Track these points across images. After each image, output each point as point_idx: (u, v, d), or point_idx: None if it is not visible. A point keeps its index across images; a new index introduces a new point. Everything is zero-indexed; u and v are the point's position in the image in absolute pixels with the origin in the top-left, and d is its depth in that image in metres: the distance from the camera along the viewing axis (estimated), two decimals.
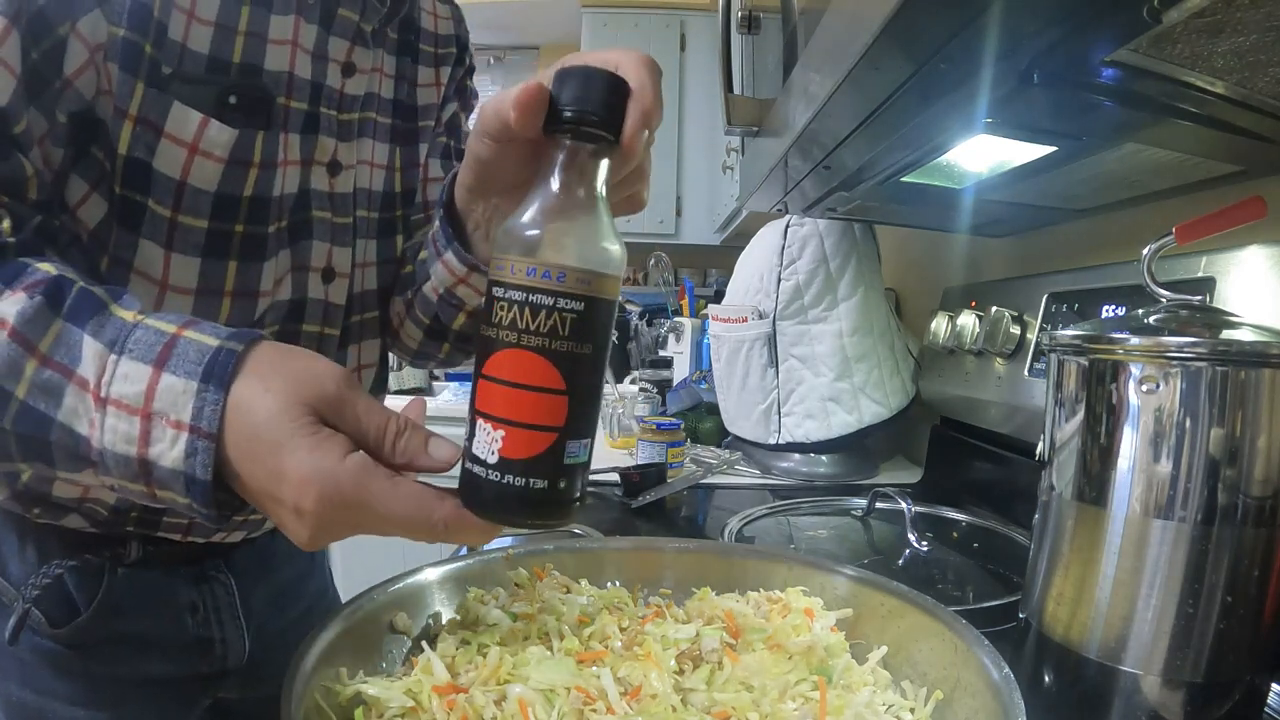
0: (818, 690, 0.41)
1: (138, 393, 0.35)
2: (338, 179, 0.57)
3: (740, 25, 0.87)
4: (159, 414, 0.35)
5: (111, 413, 0.35)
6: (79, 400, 0.35)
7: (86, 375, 0.35)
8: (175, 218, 0.49)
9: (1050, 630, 0.46)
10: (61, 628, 0.56)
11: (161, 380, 0.35)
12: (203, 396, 0.35)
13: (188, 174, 0.48)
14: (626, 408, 1.45)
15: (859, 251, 1.15)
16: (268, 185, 0.52)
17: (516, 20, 2.86)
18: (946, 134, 0.61)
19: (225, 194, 0.50)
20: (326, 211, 0.57)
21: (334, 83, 0.55)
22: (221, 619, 0.63)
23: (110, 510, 0.55)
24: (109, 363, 0.35)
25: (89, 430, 0.35)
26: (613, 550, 0.58)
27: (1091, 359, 0.44)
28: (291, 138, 0.53)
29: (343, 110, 0.56)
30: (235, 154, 0.49)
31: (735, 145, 1.88)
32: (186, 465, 0.35)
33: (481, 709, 0.37)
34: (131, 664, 0.58)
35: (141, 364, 0.35)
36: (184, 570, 0.61)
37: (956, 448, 1.07)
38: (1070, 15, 0.41)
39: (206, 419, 0.35)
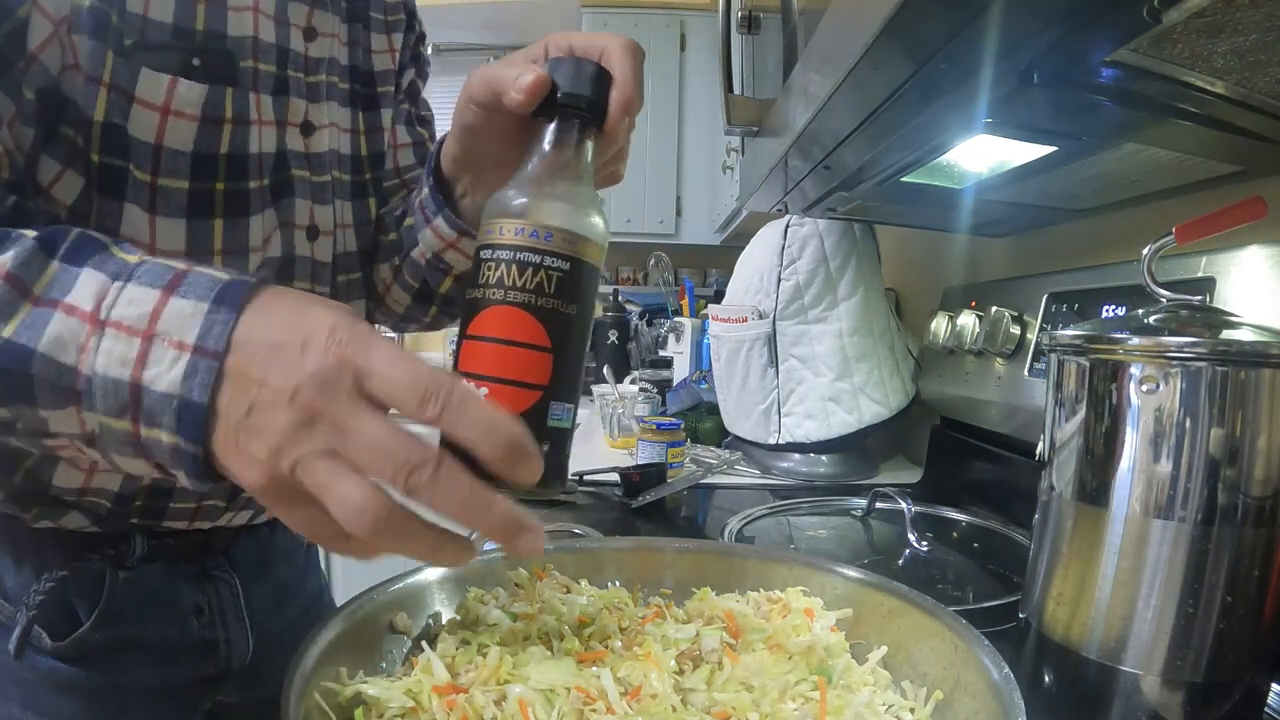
0: (818, 690, 0.41)
1: (142, 314, 0.33)
2: (312, 139, 0.58)
3: (740, 25, 0.87)
4: (162, 334, 0.33)
5: (109, 335, 0.33)
6: (66, 326, 0.33)
7: (80, 303, 0.33)
8: (156, 181, 0.49)
9: (1050, 630, 0.46)
10: (63, 640, 0.54)
11: (170, 303, 0.33)
12: (212, 317, 0.33)
13: (163, 136, 0.48)
14: (626, 408, 1.45)
15: (859, 251, 1.15)
16: (243, 141, 0.52)
17: (516, 20, 2.86)
18: (946, 134, 0.61)
19: (202, 152, 0.50)
20: (305, 170, 0.57)
21: (298, 47, 0.56)
22: (226, 620, 0.62)
23: (114, 501, 0.54)
24: (112, 289, 0.34)
25: (77, 357, 0.33)
26: (613, 550, 0.58)
27: (1091, 359, 0.44)
28: (264, 99, 0.53)
29: (309, 73, 0.57)
30: (207, 111, 0.49)
31: (735, 145, 1.88)
32: (183, 387, 0.32)
33: (481, 709, 0.37)
34: (136, 672, 0.57)
35: (149, 289, 0.34)
36: (186, 570, 0.60)
37: (956, 448, 1.07)
38: (1070, 15, 0.41)
39: (214, 338, 0.33)
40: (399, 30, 0.67)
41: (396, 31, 0.66)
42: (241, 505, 0.61)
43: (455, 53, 3.07)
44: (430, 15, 2.75)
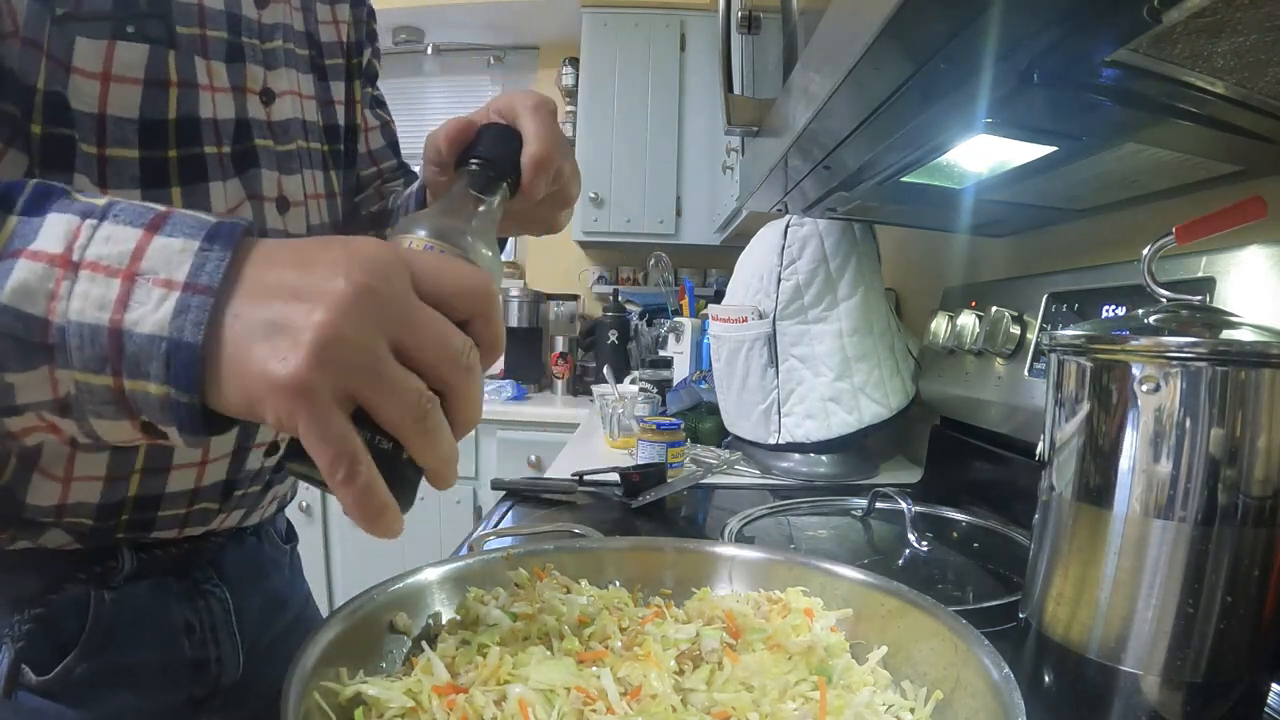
0: (818, 690, 0.41)
1: (122, 253, 0.30)
2: (273, 107, 0.56)
3: (740, 25, 0.87)
4: (146, 273, 0.29)
5: (84, 277, 0.29)
6: (31, 272, 0.29)
7: (47, 245, 0.29)
8: (104, 152, 0.46)
9: (1050, 630, 0.46)
10: (49, 672, 0.50)
11: (154, 241, 0.30)
12: (204, 254, 0.30)
13: (105, 105, 0.46)
14: (626, 408, 1.45)
15: (859, 251, 1.15)
16: (192, 105, 0.49)
17: (516, 20, 2.86)
18: (946, 134, 0.61)
19: (150, 119, 0.47)
20: (268, 140, 0.56)
21: (250, 13, 0.54)
22: (218, 637, 0.60)
23: (95, 516, 0.52)
24: (85, 227, 0.30)
25: (47, 305, 0.29)
26: (613, 550, 0.58)
27: (1091, 359, 0.44)
28: (215, 65, 0.51)
29: (264, 40, 0.55)
30: (150, 74, 0.47)
31: (735, 145, 1.88)
32: (172, 327, 0.29)
33: (481, 709, 0.37)
34: (125, 700, 0.54)
35: (129, 227, 0.30)
36: (176, 586, 0.57)
37: (956, 448, 1.07)
38: (1070, 15, 0.41)
39: (207, 274, 0.29)
40: (343, 1, 0.66)
41: (341, 3, 0.66)
42: (234, 505, 0.59)
43: (455, 53, 3.07)
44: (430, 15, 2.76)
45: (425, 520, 2.32)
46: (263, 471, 0.60)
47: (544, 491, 1.02)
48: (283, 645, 0.67)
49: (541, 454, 2.23)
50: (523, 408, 2.34)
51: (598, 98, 2.64)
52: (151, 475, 0.53)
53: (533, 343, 2.75)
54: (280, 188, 0.57)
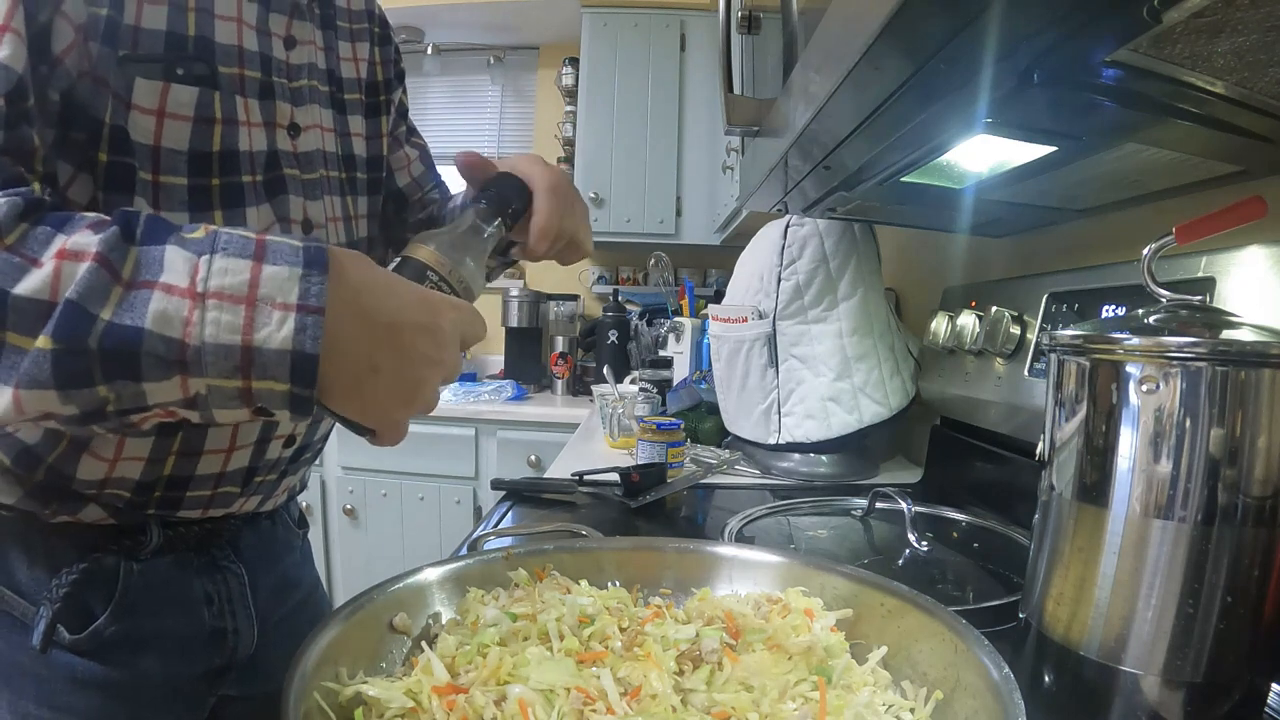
0: (818, 690, 0.41)
1: (240, 283, 0.37)
2: (299, 140, 0.62)
3: (740, 25, 0.87)
4: (264, 299, 0.37)
5: (212, 306, 0.37)
6: (168, 303, 0.36)
7: (175, 280, 0.37)
8: (158, 179, 0.52)
9: (1050, 630, 0.46)
10: (80, 633, 0.55)
11: (264, 270, 0.38)
12: (308, 279, 0.38)
13: (160, 138, 0.52)
14: (626, 408, 1.45)
15: (859, 251, 1.15)
16: (233, 140, 0.56)
17: (516, 20, 2.86)
18: (946, 134, 0.61)
19: (197, 151, 0.53)
20: (295, 169, 0.61)
21: (280, 54, 0.60)
22: (234, 609, 0.64)
23: (133, 490, 0.56)
24: (201, 263, 0.37)
25: (183, 330, 0.36)
26: (613, 550, 0.58)
27: (1091, 359, 0.44)
28: (250, 102, 0.57)
29: (291, 79, 0.61)
30: (199, 112, 0.53)
31: (735, 145, 1.88)
32: (296, 342, 0.37)
33: (481, 709, 0.37)
34: (149, 665, 0.58)
35: (240, 259, 0.38)
36: (196, 561, 0.62)
37: (956, 448, 1.07)
38: (1070, 15, 0.41)
39: (314, 296, 0.38)
40: (363, 39, 0.71)
41: (361, 40, 0.71)
42: (253, 491, 0.64)
43: (455, 53, 3.07)
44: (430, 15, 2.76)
45: (425, 520, 2.32)
46: (280, 461, 0.65)
47: (544, 491, 1.02)
48: (293, 623, 0.72)
49: (541, 454, 2.23)
50: (523, 408, 2.34)
51: (597, 98, 2.64)
52: (184, 458, 0.57)
53: (533, 343, 2.75)
54: (305, 212, 0.63)
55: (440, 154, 0.84)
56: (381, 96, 0.74)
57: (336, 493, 2.37)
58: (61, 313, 0.35)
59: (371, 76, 0.72)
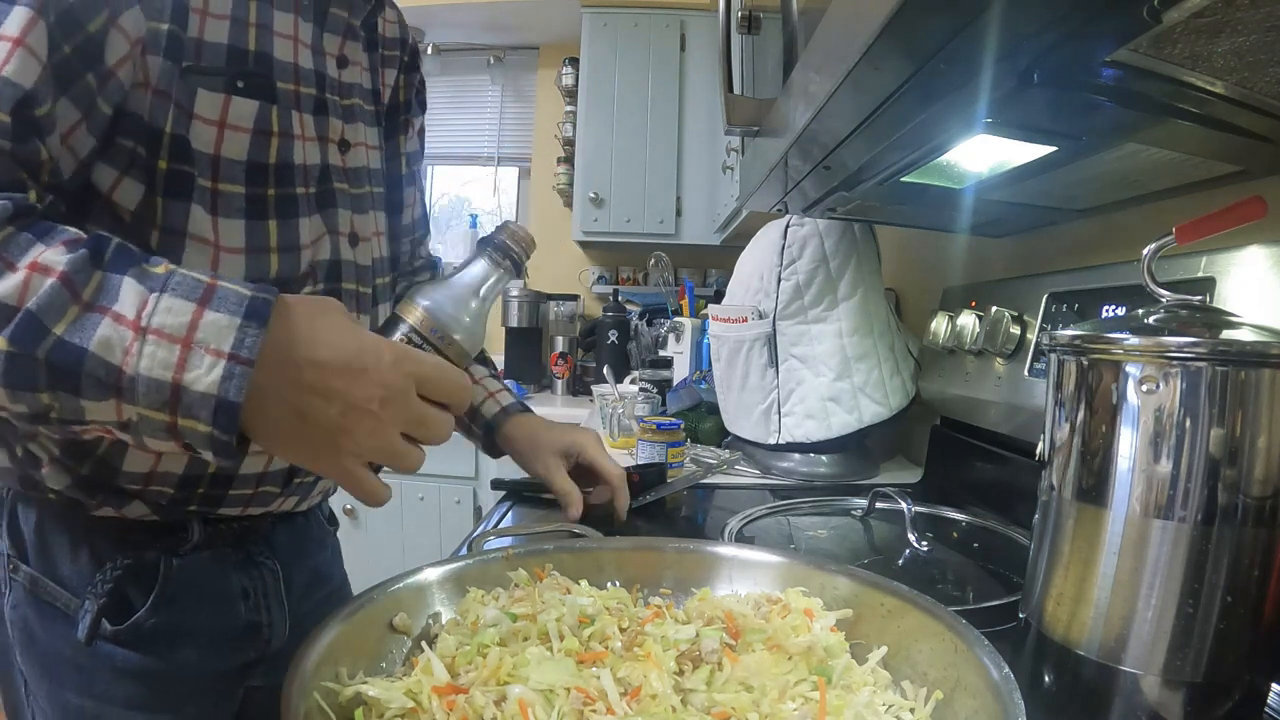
0: (818, 690, 0.41)
1: (180, 324, 0.39)
2: (348, 155, 0.65)
3: (740, 25, 0.86)
4: (200, 343, 0.39)
5: (151, 341, 0.38)
6: (115, 331, 0.38)
7: (125, 311, 0.39)
8: (216, 186, 0.55)
9: (1050, 630, 0.46)
10: (121, 624, 0.57)
11: (205, 315, 0.39)
12: (245, 330, 0.39)
13: (220, 148, 0.54)
14: (626, 408, 1.45)
15: (859, 251, 1.15)
16: (289, 153, 0.58)
17: (516, 20, 2.86)
18: (946, 134, 0.61)
19: (255, 161, 0.56)
20: (344, 184, 0.65)
21: (333, 73, 0.63)
22: (269, 604, 0.67)
23: (176, 487, 0.58)
24: (150, 299, 0.39)
25: (122, 358, 0.38)
26: (613, 550, 0.58)
27: (1091, 359, 0.44)
28: (305, 117, 0.60)
29: (343, 96, 0.64)
30: (258, 124, 0.56)
31: (735, 145, 1.88)
32: (221, 389, 0.38)
33: (481, 709, 0.37)
34: (187, 656, 0.60)
35: (185, 300, 0.39)
36: (234, 557, 0.65)
37: (956, 448, 1.07)
38: (1070, 15, 0.41)
39: (247, 349, 0.39)
40: (393, 66, 0.75)
41: (391, 67, 0.75)
42: (291, 491, 0.66)
43: (455, 53, 3.07)
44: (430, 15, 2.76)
45: (425, 520, 2.32)
46: None
47: (544, 491, 1.02)
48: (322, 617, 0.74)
49: None
50: None
51: (598, 98, 2.64)
52: None
53: (533, 343, 2.75)
54: (353, 225, 0.66)
55: (440, 154, 0.85)
56: (401, 117, 0.78)
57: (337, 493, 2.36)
58: (21, 320, 0.38)
59: (394, 100, 0.76)
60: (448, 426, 0.46)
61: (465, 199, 3.22)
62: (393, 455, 0.44)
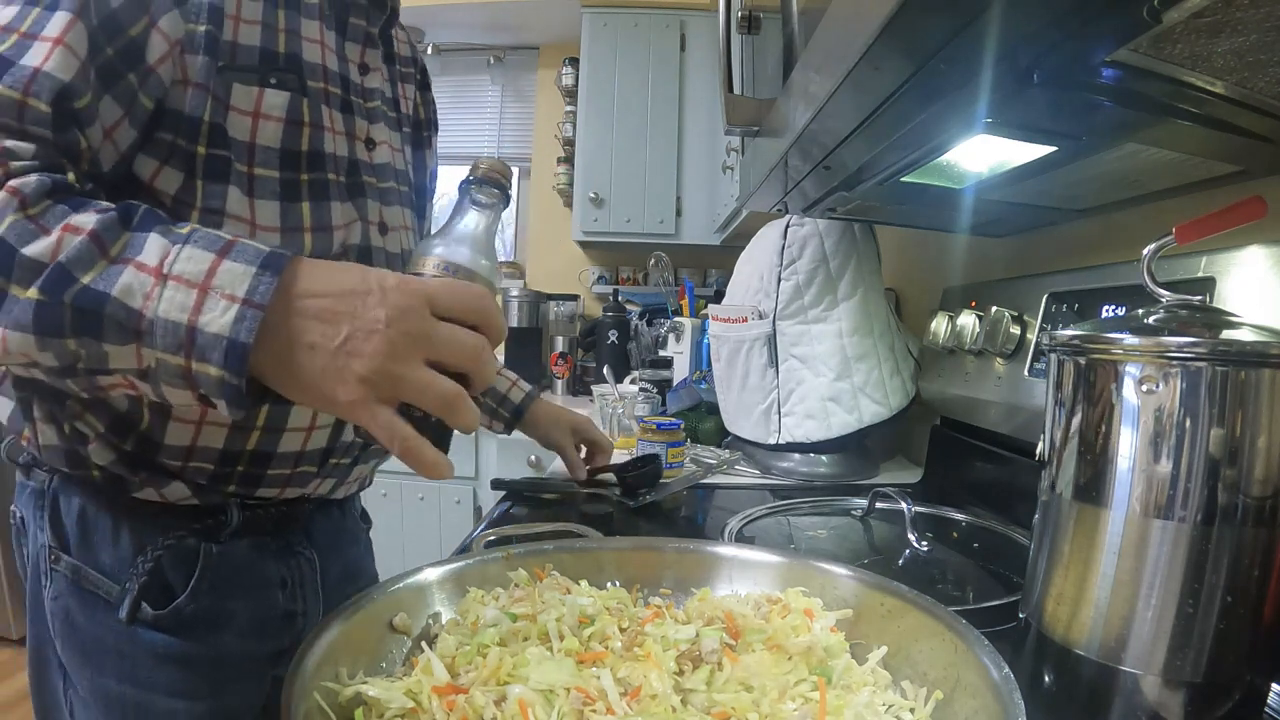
0: (817, 690, 0.41)
1: (199, 270, 0.40)
2: (374, 153, 0.68)
3: (740, 25, 0.86)
4: (216, 288, 0.40)
5: (170, 286, 0.40)
6: (136, 278, 0.40)
7: (148, 260, 0.41)
8: (252, 170, 0.58)
9: (1050, 630, 0.46)
10: (163, 609, 0.59)
11: (223, 264, 0.41)
12: (259, 278, 0.40)
13: (255, 136, 0.58)
14: (626, 408, 1.45)
15: (859, 251, 1.14)
16: (320, 142, 0.62)
17: (516, 20, 2.86)
18: (946, 134, 0.61)
19: (288, 149, 0.60)
20: (372, 178, 0.68)
21: (355, 78, 0.67)
22: (305, 593, 0.69)
23: (217, 462, 0.61)
24: (173, 250, 0.41)
25: (142, 303, 0.40)
26: (613, 550, 0.58)
27: (1091, 359, 0.44)
28: (335, 113, 0.64)
29: (366, 100, 0.68)
30: (290, 115, 0.59)
31: (735, 145, 1.88)
32: (232, 330, 0.39)
33: (481, 709, 0.37)
34: (226, 642, 0.62)
35: (205, 251, 0.41)
36: (272, 545, 0.67)
37: (956, 448, 1.07)
38: (1070, 15, 0.41)
39: (260, 294, 0.40)
40: (410, 82, 0.79)
41: (409, 83, 0.79)
42: (328, 473, 0.68)
43: (455, 53, 3.07)
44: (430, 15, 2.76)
45: (425, 520, 2.32)
46: (354, 444, 0.70)
47: (544, 491, 1.02)
48: None
49: (541, 454, 2.22)
50: None
51: (598, 98, 2.64)
52: (269, 434, 0.62)
53: (533, 343, 2.75)
54: (381, 215, 0.69)
55: (441, 154, 0.86)
56: (424, 133, 0.82)
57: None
58: (51, 271, 0.40)
59: (416, 115, 0.81)
60: (475, 344, 0.43)
61: None
62: (420, 387, 0.41)
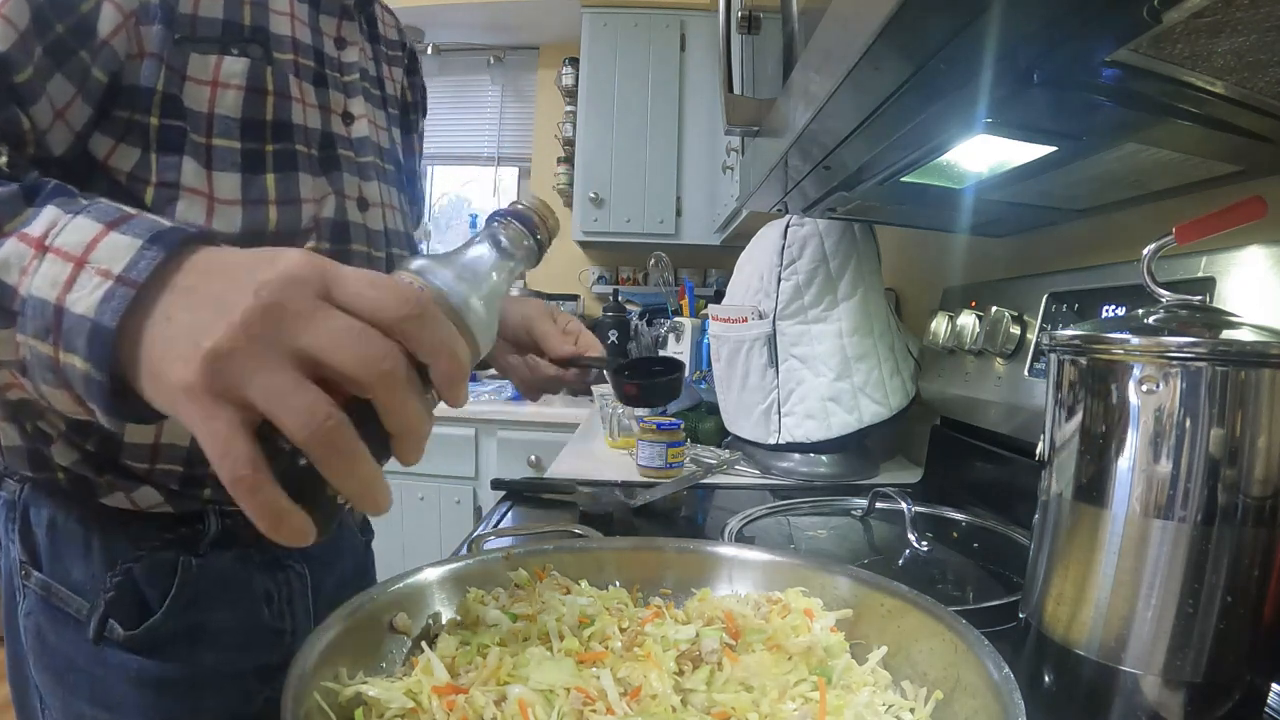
0: (817, 690, 0.41)
1: (80, 242, 0.33)
2: (352, 127, 0.66)
3: (740, 25, 0.86)
4: (93, 262, 0.33)
5: (48, 259, 0.33)
6: (16, 250, 0.34)
7: (34, 231, 0.34)
8: (210, 141, 0.55)
9: (1050, 630, 0.46)
10: (136, 629, 0.56)
11: (108, 236, 0.33)
12: (143, 253, 0.32)
13: (214, 105, 0.55)
14: (626, 408, 1.45)
15: (859, 251, 1.15)
16: (286, 112, 0.59)
17: (516, 20, 2.86)
18: (946, 134, 0.61)
19: (250, 118, 0.57)
20: (349, 151, 0.65)
21: (331, 52, 0.64)
22: (294, 609, 0.65)
23: (184, 464, 0.57)
24: (62, 219, 0.35)
25: (19, 278, 0.33)
26: (613, 550, 0.58)
27: (1091, 359, 0.44)
28: (305, 85, 0.61)
29: (344, 74, 0.66)
30: (251, 82, 0.56)
31: (735, 145, 1.88)
32: (98, 310, 0.31)
33: (481, 709, 0.37)
34: (205, 661, 0.59)
35: (95, 222, 0.34)
36: (259, 558, 0.62)
37: (956, 448, 1.07)
38: (1070, 15, 0.41)
39: (138, 271, 0.32)
40: (398, 65, 0.77)
41: (396, 65, 0.76)
42: None
43: (455, 53, 3.07)
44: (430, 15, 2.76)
45: (425, 520, 2.32)
46: None
47: (544, 491, 1.02)
48: None
49: (541, 454, 2.22)
50: (523, 407, 2.34)
51: (598, 98, 2.64)
52: None
53: None
54: (360, 190, 0.66)
55: (440, 154, 0.86)
56: (411, 116, 0.80)
57: None
58: None
59: (404, 99, 0.78)
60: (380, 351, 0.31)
61: (465, 199, 3.22)
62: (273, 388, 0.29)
